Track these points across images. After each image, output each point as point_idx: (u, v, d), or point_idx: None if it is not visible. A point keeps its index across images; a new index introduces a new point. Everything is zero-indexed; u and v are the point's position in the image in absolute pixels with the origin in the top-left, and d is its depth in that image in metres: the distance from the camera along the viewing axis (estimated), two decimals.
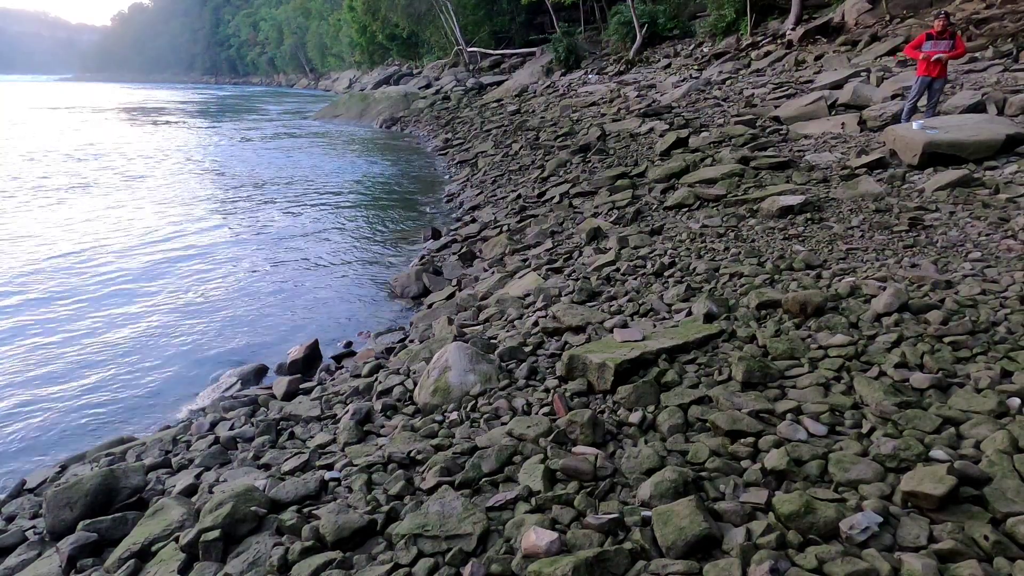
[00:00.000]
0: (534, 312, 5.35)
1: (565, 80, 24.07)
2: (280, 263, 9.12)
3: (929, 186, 6.44)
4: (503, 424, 3.50)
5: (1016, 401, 2.81)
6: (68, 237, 10.31)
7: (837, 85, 11.77)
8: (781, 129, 10.32)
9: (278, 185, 14.84)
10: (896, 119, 8.84)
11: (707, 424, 3.05)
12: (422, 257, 9.05)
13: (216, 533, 2.77)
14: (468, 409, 3.80)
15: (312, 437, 4.08)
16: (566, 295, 5.49)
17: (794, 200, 6.41)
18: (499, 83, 28.42)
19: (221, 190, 14.42)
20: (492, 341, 4.83)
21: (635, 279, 5.48)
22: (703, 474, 2.68)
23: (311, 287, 8.17)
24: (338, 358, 5.98)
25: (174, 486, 3.70)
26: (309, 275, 8.62)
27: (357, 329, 6.88)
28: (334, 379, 5.42)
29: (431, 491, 2.91)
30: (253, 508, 2.92)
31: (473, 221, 10.24)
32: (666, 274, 5.43)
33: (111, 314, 7.29)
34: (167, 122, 31.95)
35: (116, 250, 9.68)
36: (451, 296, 7.07)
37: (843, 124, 9.65)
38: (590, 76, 23.37)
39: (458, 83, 31.00)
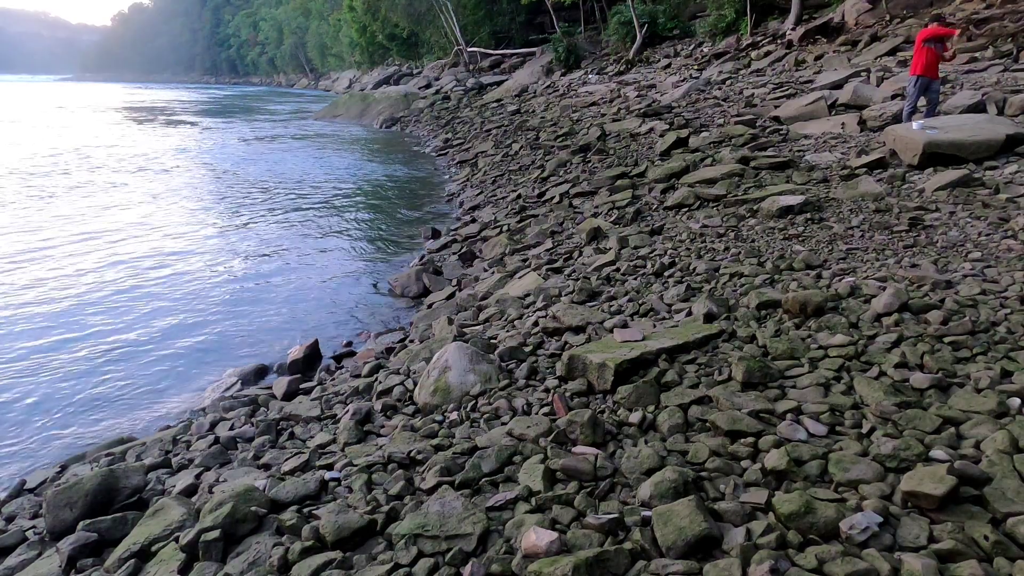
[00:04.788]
0: (534, 312, 5.35)
1: (565, 80, 24.06)
2: (280, 263, 9.12)
3: (929, 186, 6.44)
4: (503, 424, 3.50)
5: (1016, 401, 2.81)
6: (67, 236, 10.31)
7: (837, 85, 11.77)
8: (781, 129, 10.32)
9: (278, 185, 14.84)
10: (896, 119, 8.84)
11: (707, 424, 3.05)
12: (422, 257, 9.05)
13: (216, 533, 2.77)
14: (468, 409, 3.79)
15: (312, 437, 4.08)
16: (566, 295, 5.49)
17: (794, 200, 6.41)
18: (499, 83, 28.41)
19: (220, 190, 14.41)
20: (492, 341, 4.83)
21: (635, 279, 5.48)
22: (703, 474, 2.68)
23: (311, 287, 8.17)
24: (338, 358, 5.99)
25: (174, 486, 3.70)
26: (309, 275, 8.62)
27: (357, 329, 6.88)
28: (334, 379, 5.42)
29: (431, 491, 2.90)
30: (253, 508, 2.92)
31: (473, 221, 10.24)
32: (666, 274, 5.43)
33: (110, 314, 7.29)
34: (168, 122, 31.95)
35: (116, 249, 9.67)
36: (451, 296, 7.07)
37: (843, 124, 9.65)
38: (590, 76, 23.37)
39: (458, 83, 30.98)
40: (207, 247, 9.90)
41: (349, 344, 6.43)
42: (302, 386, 5.31)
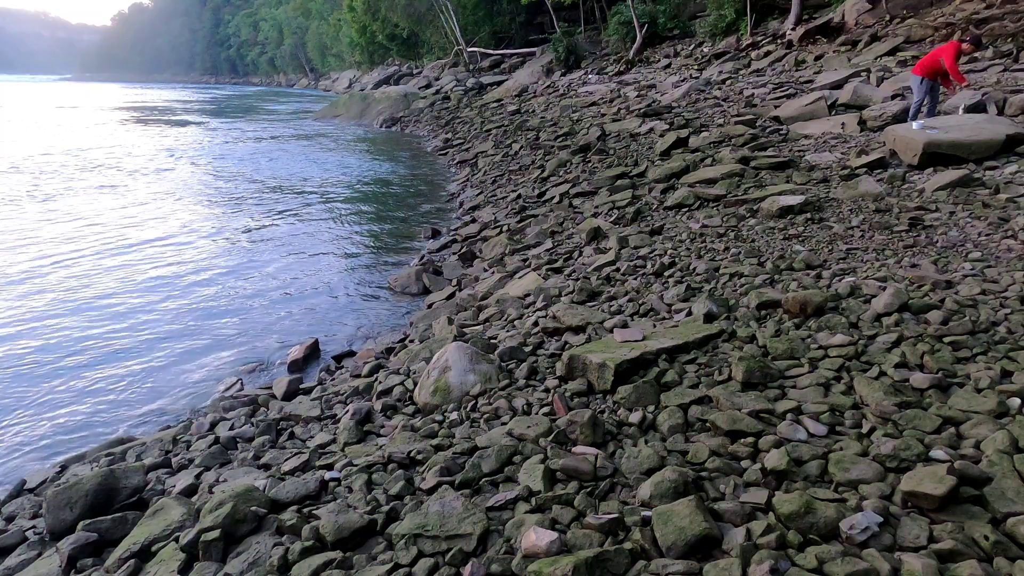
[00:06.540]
0: (534, 312, 5.35)
1: (565, 80, 24.06)
2: (280, 263, 9.12)
3: (929, 186, 6.44)
4: (503, 424, 3.50)
5: (1016, 401, 2.81)
6: (66, 236, 10.31)
7: (837, 85, 11.78)
8: (781, 129, 10.32)
9: (277, 185, 14.84)
10: (896, 119, 8.85)
11: (707, 424, 3.05)
12: (422, 257, 9.05)
13: (216, 533, 2.77)
14: (468, 409, 3.79)
15: (312, 437, 4.08)
16: (566, 295, 5.49)
17: (794, 200, 6.41)
18: (499, 83, 28.40)
19: (220, 189, 14.41)
20: (492, 341, 4.83)
21: (635, 279, 5.48)
22: (703, 474, 2.68)
23: (311, 287, 8.16)
24: (338, 358, 5.98)
25: (174, 486, 3.70)
26: (309, 275, 8.62)
27: (357, 329, 6.88)
28: (334, 379, 5.42)
29: (431, 491, 2.91)
30: (253, 508, 2.92)
31: (473, 221, 10.24)
32: (666, 274, 5.43)
33: (111, 314, 7.29)
34: (168, 122, 31.95)
35: (116, 250, 9.67)
36: (451, 296, 7.07)
37: (843, 124, 9.65)
38: (590, 76, 23.37)
39: (458, 83, 30.97)
40: (206, 247, 9.89)
41: (349, 344, 6.42)
42: (302, 386, 5.31)
